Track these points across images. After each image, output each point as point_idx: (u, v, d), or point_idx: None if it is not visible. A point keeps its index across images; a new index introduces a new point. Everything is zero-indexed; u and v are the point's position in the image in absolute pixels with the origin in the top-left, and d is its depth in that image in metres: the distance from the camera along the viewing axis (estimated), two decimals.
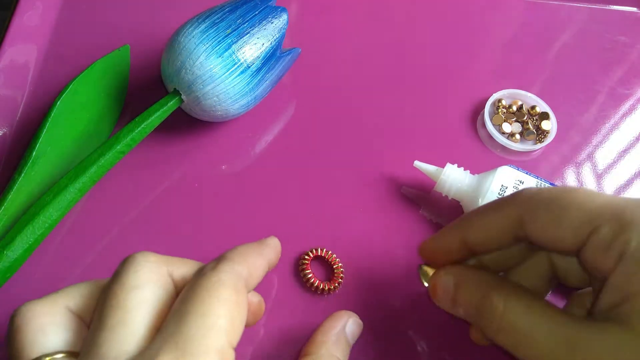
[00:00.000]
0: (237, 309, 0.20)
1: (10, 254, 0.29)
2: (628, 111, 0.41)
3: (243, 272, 0.21)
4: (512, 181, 0.32)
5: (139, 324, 0.19)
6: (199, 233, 0.34)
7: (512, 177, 0.32)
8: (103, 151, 0.32)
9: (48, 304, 0.21)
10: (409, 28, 0.44)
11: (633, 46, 0.43)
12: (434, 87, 0.41)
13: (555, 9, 0.45)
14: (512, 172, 0.32)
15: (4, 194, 0.30)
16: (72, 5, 0.43)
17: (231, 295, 0.20)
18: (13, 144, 0.36)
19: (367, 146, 0.38)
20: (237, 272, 0.21)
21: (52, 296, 0.22)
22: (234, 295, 0.20)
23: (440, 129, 0.39)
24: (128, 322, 0.19)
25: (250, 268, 0.22)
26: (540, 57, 0.43)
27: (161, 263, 0.21)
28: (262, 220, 0.34)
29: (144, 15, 0.43)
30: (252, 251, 0.24)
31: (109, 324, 0.19)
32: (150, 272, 0.21)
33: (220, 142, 0.37)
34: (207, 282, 0.20)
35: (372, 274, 0.33)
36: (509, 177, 0.32)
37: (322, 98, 0.40)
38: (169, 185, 0.36)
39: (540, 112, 0.39)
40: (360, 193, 0.36)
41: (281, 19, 0.35)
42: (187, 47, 0.32)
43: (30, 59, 0.40)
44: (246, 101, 0.34)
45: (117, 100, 0.37)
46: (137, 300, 0.20)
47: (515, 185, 0.32)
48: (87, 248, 0.33)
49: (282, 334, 0.30)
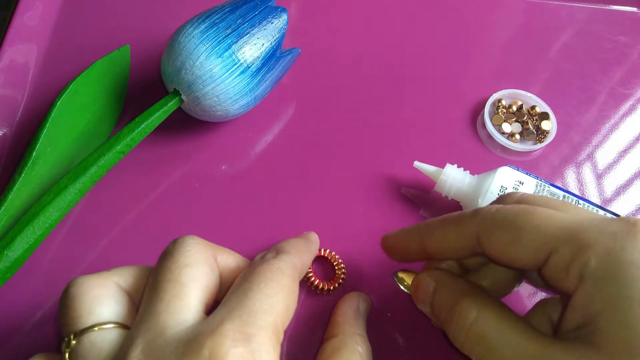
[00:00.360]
0: (292, 296, 0.22)
1: (10, 254, 0.29)
2: (628, 111, 0.41)
3: (298, 264, 0.24)
4: (512, 182, 0.32)
5: (193, 298, 0.21)
6: (199, 233, 0.34)
7: (512, 178, 0.32)
8: (103, 151, 0.32)
9: (102, 278, 0.23)
10: (409, 28, 0.44)
11: (633, 46, 0.43)
12: (434, 87, 0.41)
13: (555, 9, 0.45)
14: (511, 173, 0.32)
15: (4, 194, 0.30)
16: (72, 6, 0.43)
17: (289, 283, 0.22)
18: (13, 144, 0.36)
19: (367, 146, 0.38)
20: (294, 264, 0.24)
21: (104, 273, 0.23)
22: (291, 283, 0.23)
23: (440, 129, 0.39)
24: (183, 295, 0.21)
25: (303, 262, 0.26)
26: (540, 57, 0.43)
27: (207, 246, 0.23)
28: (263, 221, 0.34)
29: (144, 15, 0.43)
30: (304, 247, 0.27)
31: (165, 296, 0.21)
32: (199, 252, 0.23)
33: (220, 142, 0.37)
34: (271, 267, 0.22)
35: (373, 273, 0.33)
36: (508, 178, 0.32)
37: (322, 98, 0.40)
38: (169, 185, 0.36)
39: (540, 112, 0.39)
40: (360, 193, 0.36)
41: (281, 19, 0.35)
42: (187, 47, 0.32)
43: (30, 59, 0.40)
44: (246, 101, 0.34)
45: (117, 101, 0.37)
46: (190, 276, 0.21)
47: (515, 186, 0.32)
48: (87, 248, 0.33)
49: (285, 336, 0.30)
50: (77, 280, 0.22)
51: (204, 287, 0.22)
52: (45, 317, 0.31)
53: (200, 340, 0.19)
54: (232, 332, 0.19)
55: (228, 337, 0.19)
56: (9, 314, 0.31)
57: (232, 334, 0.19)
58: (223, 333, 0.19)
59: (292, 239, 0.28)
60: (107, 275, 0.23)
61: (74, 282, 0.22)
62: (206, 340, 0.19)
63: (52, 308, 0.31)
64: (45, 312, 0.31)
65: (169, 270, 0.21)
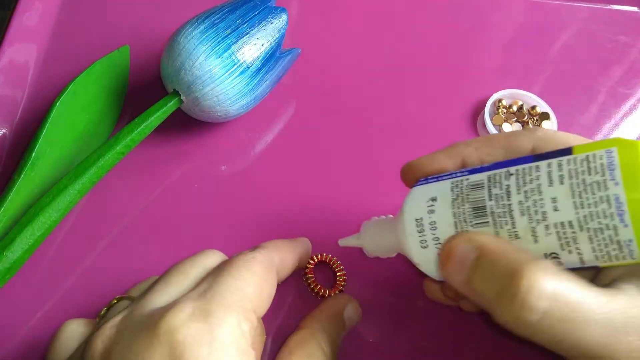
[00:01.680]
0: (265, 284, 0.23)
1: (10, 255, 0.29)
2: (629, 111, 0.41)
3: (275, 258, 0.25)
4: (424, 207, 0.24)
5: (187, 286, 0.23)
6: (199, 234, 0.34)
7: (422, 203, 0.24)
8: (102, 152, 0.32)
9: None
10: (408, 28, 0.44)
11: (633, 46, 0.43)
12: (434, 87, 0.41)
13: (555, 8, 0.45)
14: (419, 198, 0.25)
15: (4, 195, 0.30)
16: (71, 6, 0.43)
17: (261, 271, 0.23)
18: (12, 145, 0.36)
19: (367, 147, 0.38)
20: (269, 256, 0.24)
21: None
22: (264, 272, 0.23)
23: (441, 129, 0.39)
24: (181, 283, 0.23)
25: (282, 258, 0.26)
26: (540, 57, 0.43)
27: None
28: (263, 221, 0.34)
29: (143, 15, 0.43)
30: (285, 245, 0.27)
31: (165, 281, 0.23)
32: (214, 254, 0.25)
33: (220, 142, 0.37)
34: (244, 257, 0.23)
35: (374, 280, 0.32)
36: (418, 207, 0.24)
37: (321, 98, 0.40)
38: (169, 185, 0.36)
39: (541, 112, 0.39)
40: (361, 195, 0.36)
41: (281, 20, 0.35)
42: (186, 47, 0.32)
43: (30, 59, 0.40)
44: (246, 102, 0.34)
45: (116, 101, 0.37)
46: (199, 270, 0.24)
47: (429, 208, 0.24)
48: (87, 249, 0.33)
49: (285, 339, 0.30)
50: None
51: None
52: (45, 317, 0.31)
53: (160, 312, 0.20)
54: (190, 308, 0.20)
55: (185, 312, 0.19)
56: (9, 315, 0.31)
57: (190, 310, 0.19)
58: (181, 308, 0.19)
59: (276, 239, 0.28)
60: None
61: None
62: (165, 314, 0.19)
63: (52, 309, 0.31)
64: (44, 312, 0.31)
65: (182, 264, 0.24)
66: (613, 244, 0.19)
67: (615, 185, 0.19)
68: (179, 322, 0.19)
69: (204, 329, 0.19)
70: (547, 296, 0.18)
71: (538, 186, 0.21)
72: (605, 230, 0.19)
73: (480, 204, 0.22)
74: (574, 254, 0.20)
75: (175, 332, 0.19)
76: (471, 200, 0.22)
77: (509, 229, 0.21)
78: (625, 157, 0.19)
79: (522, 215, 0.21)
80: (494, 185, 0.22)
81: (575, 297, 0.19)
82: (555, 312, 0.18)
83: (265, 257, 0.24)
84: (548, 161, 0.21)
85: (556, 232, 0.20)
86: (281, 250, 0.26)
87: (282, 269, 0.26)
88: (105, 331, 0.20)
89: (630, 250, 0.19)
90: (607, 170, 0.19)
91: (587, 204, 0.19)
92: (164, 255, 0.32)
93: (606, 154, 0.20)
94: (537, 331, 0.19)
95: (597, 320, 0.18)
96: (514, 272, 0.19)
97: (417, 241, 0.24)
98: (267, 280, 0.23)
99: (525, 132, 0.25)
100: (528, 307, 0.18)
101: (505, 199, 0.21)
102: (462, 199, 0.23)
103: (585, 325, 0.18)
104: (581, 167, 0.20)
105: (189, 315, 0.19)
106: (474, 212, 0.22)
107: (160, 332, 0.19)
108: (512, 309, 0.19)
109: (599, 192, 0.19)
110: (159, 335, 0.19)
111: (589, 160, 0.20)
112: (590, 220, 0.19)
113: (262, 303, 0.22)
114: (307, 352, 0.25)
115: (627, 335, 0.18)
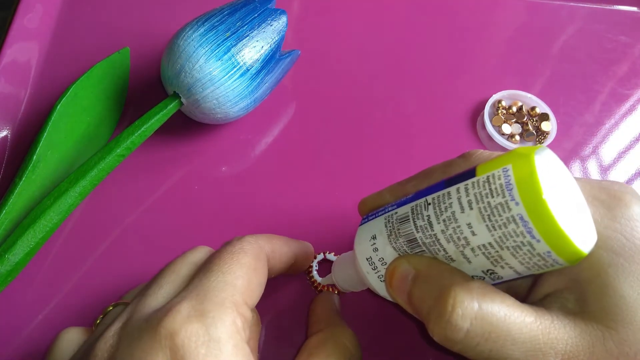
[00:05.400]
0: (255, 274, 0.23)
1: (11, 257, 0.29)
2: (629, 111, 0.41)
3: (265, 247, 0.25)
4: (369, 248, 0.25)
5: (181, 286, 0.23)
6: (199, 235, 0.34)
7: (367, 245, 0.25)
8: (103, 155, 0.32)
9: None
10: (408, 29, 0.44)
11: (634, 46, 0.43)
12: (433, 88, 0.41)
13: (555, 9, 0.45)
14: (363, 234, 0.25)
15: (5, 198, 0.30)
16: (71, 8, 0.43)
17: (250, 261, 0.23)
18: (14, 147, 0.36)
19: (367, 147, 0.38)
20: (259, 245, 0.24)
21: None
22: (253, 261, 0.23)
23: (440, 130, 0.39)
24: (174, 283, 0.23)
25: (274, 248, 0.26)
26: (540, 58, 0.43)
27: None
28: (263, 222, 0.34)
29: (143, 18, 0.43)
30: (279, 237, 0.27)
31: (159, 283, 0.23)
32: (203, 250, 0.26)
33: (220, 144, 0.37)
34: (232, 248, 0.23)
35: None
36: (365, 248, 0.25)
37: (321, 100, 0.40)
38: (169, 187, 0.36)
39: (540, 113, 0.39)
40: (361, 195, 0.36)
41: (280, 22, 0.35)
42: (186, 50, 0.32)
43: (30, 61, 0.40)
44: (246, 104, 0.34)
45: (117, 103, 0.38)
46: (191, 268, 0.24)
47: (373, 246, 0.24)
48: (88, 251, 0.33)
49: (288, 336, 0.31)
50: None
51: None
52: (46, 320, 0.31)
53: (158, 317, 0.20)
54: (187, 309, 0.20)
55: (181, 314, 0.20)
56: (10, 318, 0.31)
57: (187, 311, 0.20)
58: (178, 310, 0.20)
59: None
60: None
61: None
62: (163, 319, 0.20)
63: (53, 311, 0.31)
64: (46, 315, 0.31)
65: (172, 263, 0.24)
66: (535, 257, 0.20)
67: (517, 205, 0.19)
68: (177, 325, 0.19)
69: (200, 330, 0.20)
70: (471, 315, 0.20)
71: (453, 214, 0.21)
72: (523, 246, 0.19)
73: (411, 236, 0.23)
74: (507, 269, 0.21)
75: (174, 336, 0.19)
76: (403, 235, 0.23)
77: (444, 254, 0.22)
78: (520, 174, 0.19)
79: (449, 243, 0.21)
80: (417, 217, 0.22)
81: (500, 317, 0.20)
82: (478, 330, 0.20)
83: (253, 246, 0.24)
84: (457, 186, 0.21)
85: (482, 253, 0.21)
86: (273, 241, 0.26)
87: (274, 258, 0.26)
88: (108, 339, 0.21)
89: (554, 260, 0.19)
90: (506, 191, 0.19)
91: (497, 226, 0.20)
92: (165, 255, 0.32)
93: (503, 173, 0.20)
94: (465, 347, 0.20)
95: (522, 340, 0.19)
96: (442, 292, 0.20)
97: (375, 277, 0.25)
98: (257, 269, 0.23)
99: (460, 158, 0.25)
100: (453, 326, 0.20)
101: (429, 229, 0.22)
102: (396, 234, 0.23)
103: (510, 344, 0.19)
104: (484, 189, 0.20)
105: (185, 317, 0.20)
106: (409, 244, 0.23)
107: (160, 337, 0.19)
108: (439, 327, 0.20)
109: (505, 214, 0.19)
110: (160, 340, 0.19)
111: (489, 181, 0.20)
112: (506, 240, 0.20)
113: (252, 293, 0.23)
114: (326, 352, 0.25)
115: (548, 356, 0.19)
